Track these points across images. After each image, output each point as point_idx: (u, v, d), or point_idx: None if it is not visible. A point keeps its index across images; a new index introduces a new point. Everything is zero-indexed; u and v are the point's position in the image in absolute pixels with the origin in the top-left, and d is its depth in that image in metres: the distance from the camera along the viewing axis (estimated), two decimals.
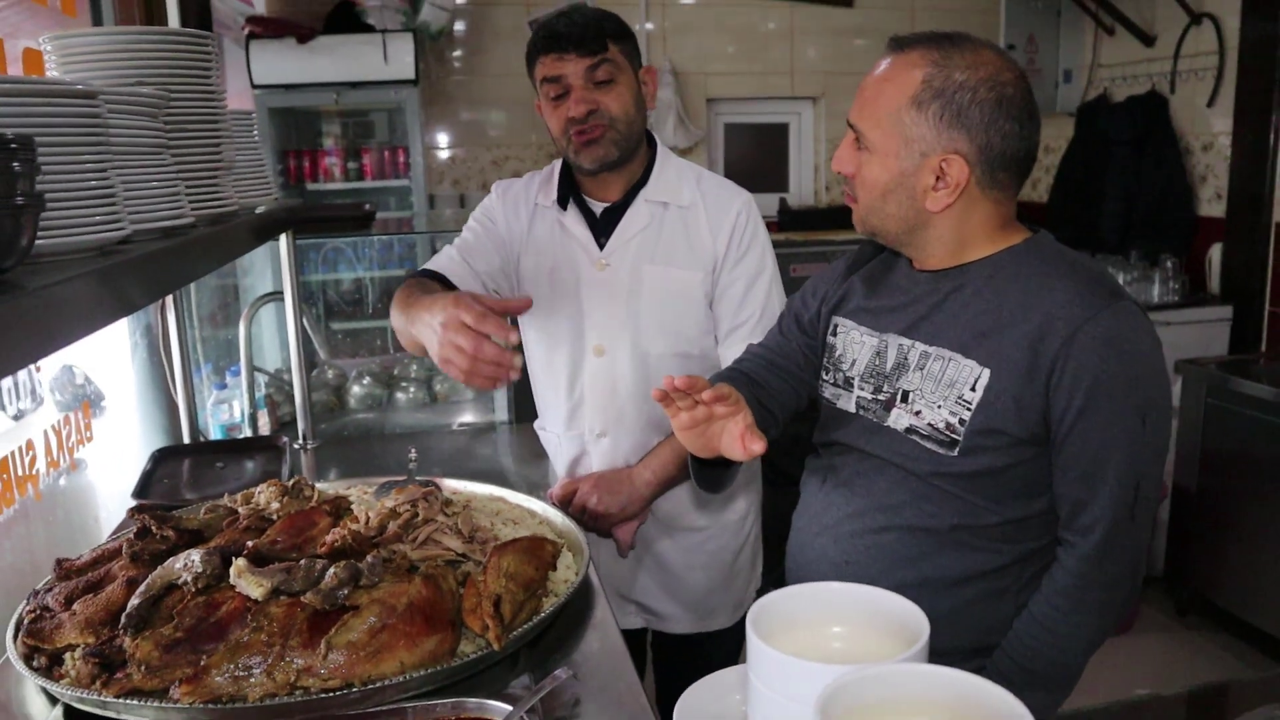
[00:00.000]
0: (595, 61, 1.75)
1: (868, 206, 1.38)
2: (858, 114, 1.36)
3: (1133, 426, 1.27)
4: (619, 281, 1.88)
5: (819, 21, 4.95)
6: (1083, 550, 1.30)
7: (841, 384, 1.50)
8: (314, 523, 1.43)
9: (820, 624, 0.90)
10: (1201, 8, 4.02)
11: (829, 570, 1.45)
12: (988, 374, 1.30)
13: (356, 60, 3.81)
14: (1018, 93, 1.30)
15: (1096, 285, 1.29)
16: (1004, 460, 1.31)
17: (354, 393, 2.90)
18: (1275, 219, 3.77)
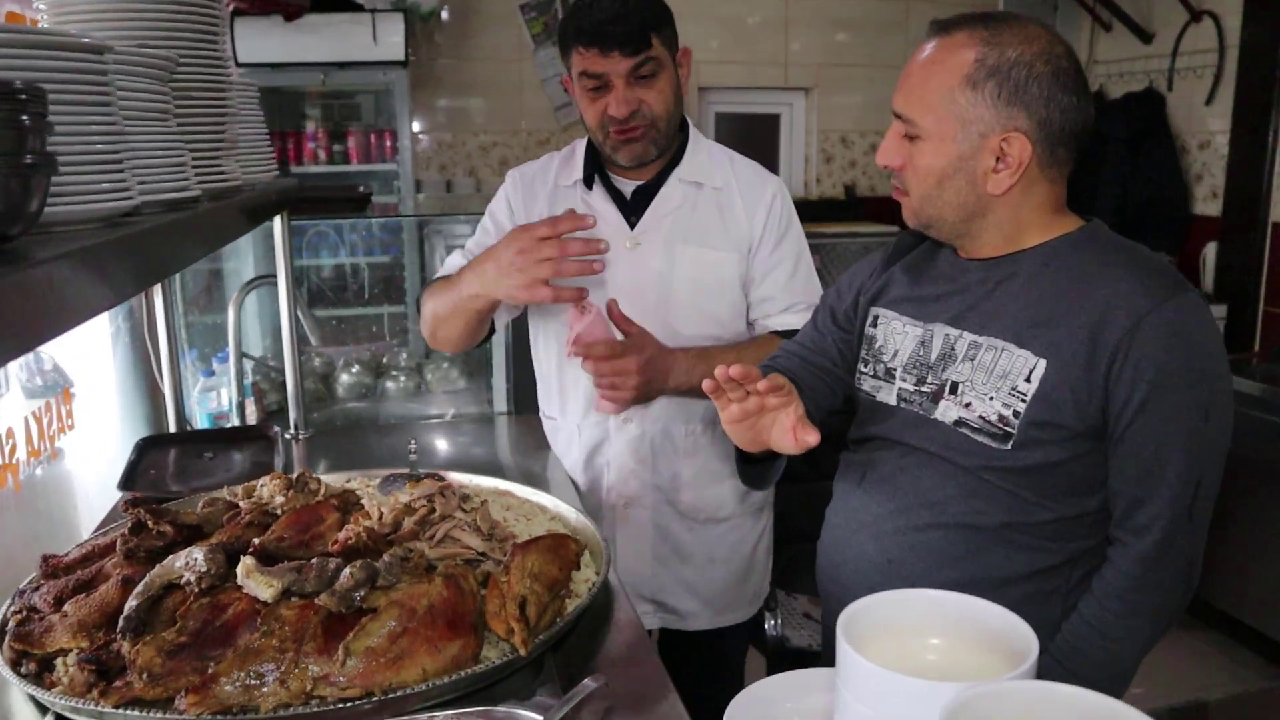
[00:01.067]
0: (639, 60, 1.69)
1: (923, 197, 1.32)
2: (905, 101, 1.30)
3: (1195, 422, 1.22)
4: (651, 262, 1.82)
5: (812, 12, 4.89)
6: (1138, 550, 1.25)
7: (882, 375, 1.44)
8: (321, 518, 1.34)
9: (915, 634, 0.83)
10: (1202, 5, 4.00)
11: (869, 569, 1.40)
12: (1044, 364, 1.25)
13: (344, 40, 3.70)
14: (1071, 65, 1.26)
15: (1160, 275, 1.24)
16: (1059, 455, 1.26)
17: (343, 381, 2.81)
18: (1272, 219, 3.76)
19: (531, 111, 4.66)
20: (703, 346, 1.81)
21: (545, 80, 4.64)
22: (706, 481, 1.91)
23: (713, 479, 1.92)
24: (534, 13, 4.56)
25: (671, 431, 1.89)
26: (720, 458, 1.91)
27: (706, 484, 1.92)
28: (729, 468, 1.91)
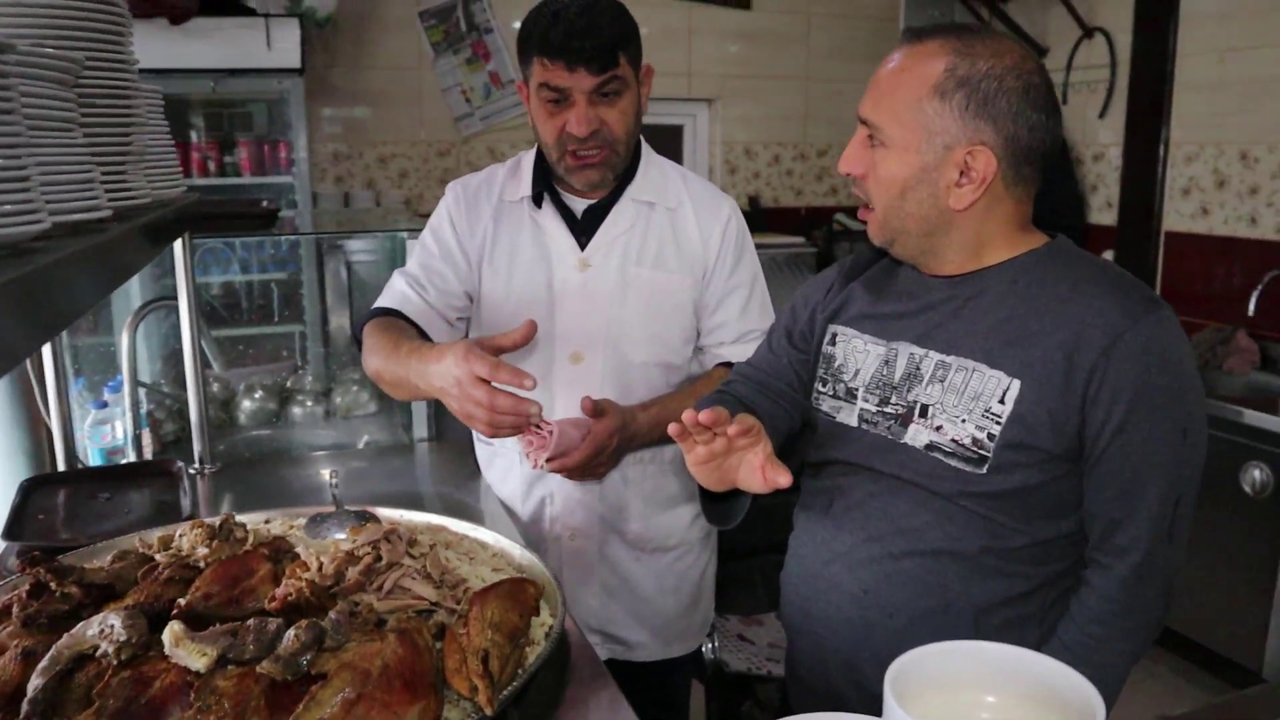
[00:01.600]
0: (605, 79, 1.60)
1: (886, 207, 1.28)
2: (872, 108, 1.27)
3: (1174, 441, 1.20)
4: (602, 284, 1.74)
5: (716, 23, 4.88)
6: (1119, 573, 1.22)
7: (843, 395, 1.39)
8: (252, 570, 1.22)
9: (967, 689, 0.76)
10: (1094, 22, 4.12)
11: (844, 601, 1.34)
12: (1018, 385, 1.21)
13: (236, 45, 3.50)
14: (1043, 82, 1.24)
15: (1134, 292, 1.22)
16: (1036, 478, 1.22)
17: (244, 408, 2.64)
18: (1165, 228, 3.89)
19: (432, 122, 4.51)
20: (657, 399, 1.75)
21: (446, 90, 4.50)
22: (654, 510, 1.84)
23: (660, 507, 1.85)
24: (434, 20, 4.42)
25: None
26: (668, 485, 1.85)
27: (654, 512, 1.85)
28: (677, 495, 1.85)
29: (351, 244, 3.29)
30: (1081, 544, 1.28)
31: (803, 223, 5.10)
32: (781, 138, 5.13)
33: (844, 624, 1.35)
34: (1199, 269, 3.79)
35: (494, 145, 4.62)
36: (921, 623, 1.29)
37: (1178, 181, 3.84)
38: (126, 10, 1.26)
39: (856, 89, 4.65)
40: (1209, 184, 3.72)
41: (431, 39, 4.43)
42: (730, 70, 4.96)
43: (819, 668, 1.41)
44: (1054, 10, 4.29)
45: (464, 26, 4.45)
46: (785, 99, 5.09)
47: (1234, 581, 3.05)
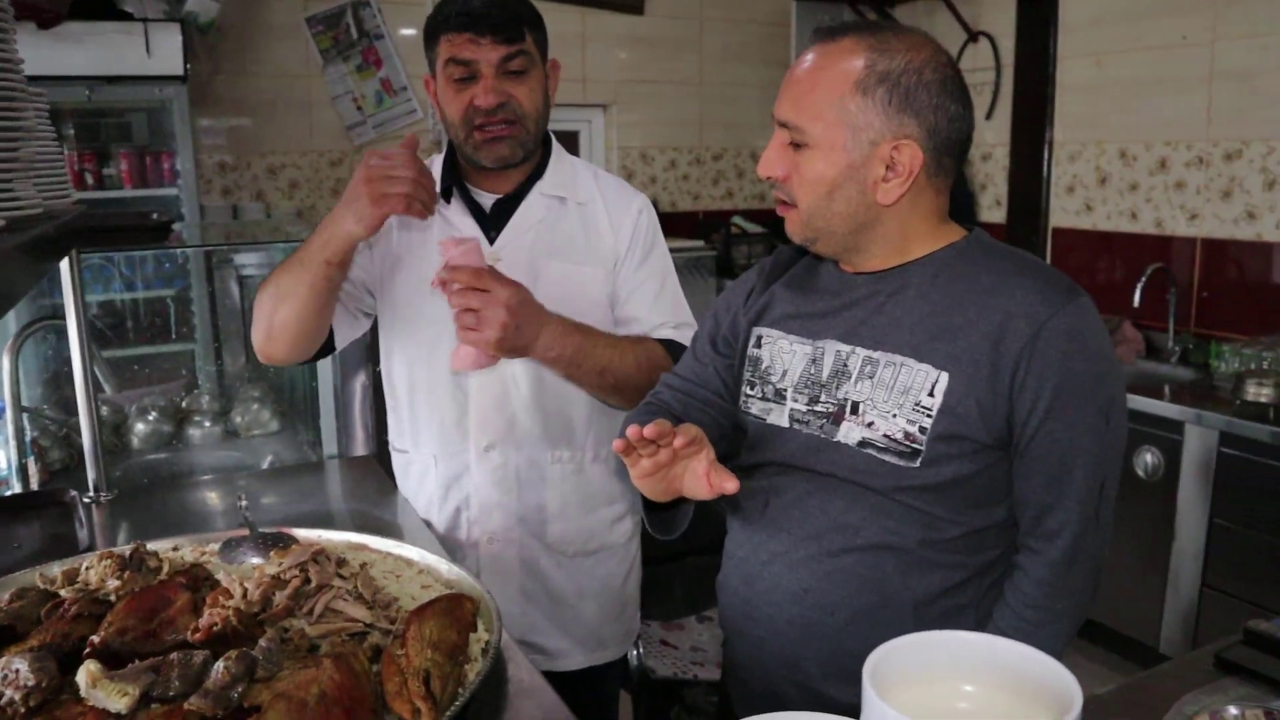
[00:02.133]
0: (512, 51, 1.60)
1: (811, 208, 1.28)
2: (792, 109, 1.26)
3: (1098, 426, 1.23)
4: (514, 277, 1.69)
5: (610, 28, 4.87)
6: (1050, 556, 1.25)
7: (771, 397, 1.38)
8: (169, 601, 1.14)
9: (945, 680, 0.76)
10: (978, 26, 4.26)
11: (785, 601, 1.33)
12: (946, 377, 1.23)
13: (113, 51, 3.33)
14: (956, 74, 1.26)
15: (1054, 281, 1.25)
16: (969, 468, 1.24)
17: (138, 431, 2.53)
18: (1051, 224, 4.04)
19: (323, 130, 4.39)
20: (581, 325, 1.65)
21: (336, 98, 4.38)
22: (575, 512, 1.81)
23: (582, 509, 1.82)
24: (321, 27, 4.30)
25: (537, 459, 1.77)
26: (586, 485, 1.82)
27: (575, 515, 1.81)
28: (597, 496, 1.83)
29: (242, 257, 3.17)
30: (1012, 531, 1.30)
31: (700, 226, 5.13)
32: (677, 142, 5.16)
33: (785, 624, 1.34)
34: (1084, 263, 3.94)
35: None
36: (862, 618, 1.29)
37: (1062, 179, 4.00)
38: (9, 8, 1.18)
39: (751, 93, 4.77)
40: (1091, 181, 3.88)
41: (320, 45, 4.31)
42: (624, 75, 4.97)
43: (759, 669, 1.40)
44: (940, 15, 4.42)
45: (354, 33, 4.34)
46: (680, 104, 5.12)
47: (1130, 561, 3.18)
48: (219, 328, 3.28)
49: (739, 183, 5.32)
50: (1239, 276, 3.44)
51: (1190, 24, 3.46)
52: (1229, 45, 3.36)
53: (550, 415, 1.75)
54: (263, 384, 2.74)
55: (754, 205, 5.31)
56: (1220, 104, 3.42)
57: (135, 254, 3.25)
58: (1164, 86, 3.58)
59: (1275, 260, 3.32)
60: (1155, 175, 3.66)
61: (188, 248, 2.92)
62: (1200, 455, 2.96)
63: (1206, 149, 3.48)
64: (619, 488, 1.85)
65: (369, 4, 4.33)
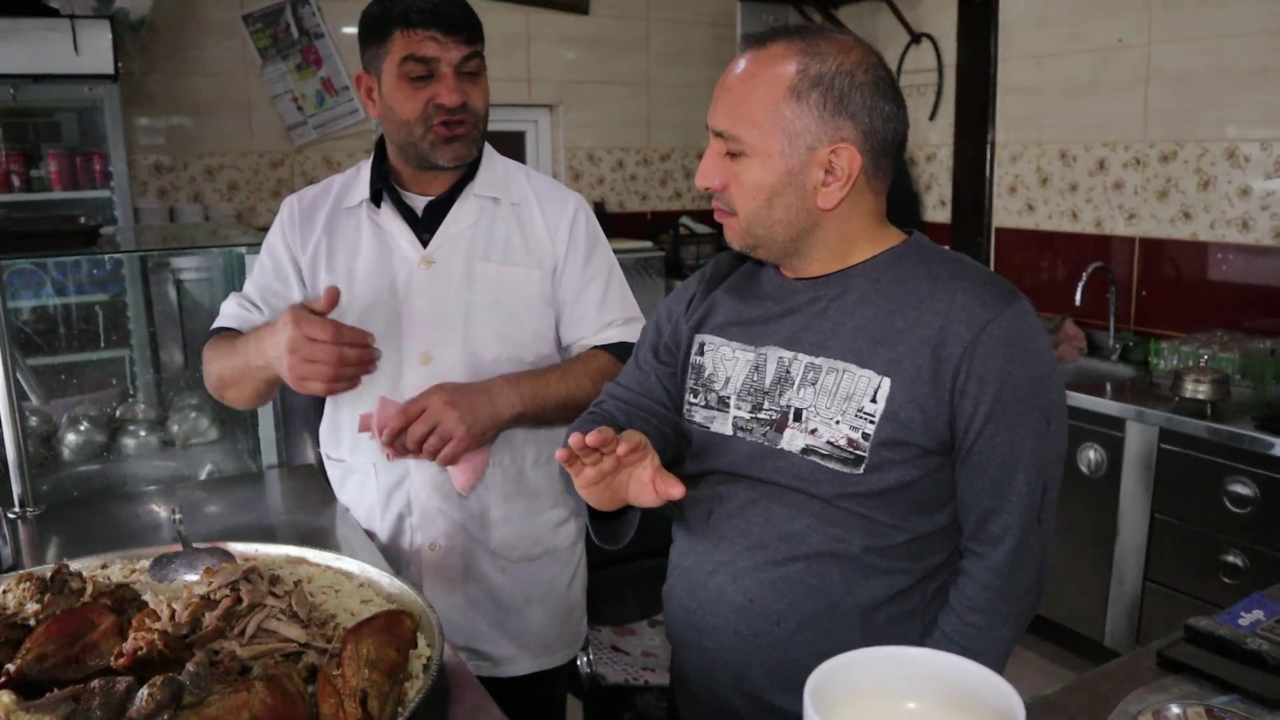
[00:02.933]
0: (471, 52, 1.60)
1: (751, 216, 1.27)
2: (726, 117, 1.25)
3: (1038, 428, 1.23)
4: (448, 281, 1.69)
5: (555, 29, 4.84)
6: (994, 560, 1.25)
7: (715, 405, 1.37)
8: (93, 624, 1.09)
9: (888, 696, 0.74)
10: (920, 27, 4.30)
11: (729, 611, 1.32)
12: (889, 383, 1.22)
13: (39, 49, 3.22)
14: (887, 74, 1.26)
15: (993, 285, 1.25)
16: (912, 474, 1.23)
17: (69, 441, 2.44)
18: (994, 223, 4.09)
19: (262, 131, 4.30)
20: (522, 372, 1.69)
21: (276, 97, 4.30)
22: (518, 517, 1.79)
23: (524, 514, 1.80)
24: (259, 24, 4.21)
25: (479, 463, 1.73)
26: (531, 491, 1.79)
27: (518, 520, 1.79)
28: (540, 500, 1.81)
29: (180, 261, 3.09)
30: (957, 536, 1.30)
31: (649, 227, 5.12)
32: (624, 143, 5.14)
33: (730, 634, 1.32)
34: (1027, 262, 3.99)
35: (330, 154, 4.44)
36: (808, 627, 1.28)
37: (1004, 180, 4.04)
38: None
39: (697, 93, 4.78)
40: (1033, 182, 3.93)
41: (258, 44, 4.23)
42: (570, 75, 4.94)
43: (706, 679, 1.39)
44: (883, 16, 4.45)
45: (294, 31, 4.26)
46: (627, 104, 5.10)
47: (1075, 557, 3.22)
48: (155, 334, 3.19)
49: (687, 183, 5.31)
50: (1176, 275, 3.51)
51: (1127, 27, 3.52)
52: (1164, 48, 3.42)
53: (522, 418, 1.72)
54: (201, 391, 2.66)
55: (702, 206, 5.31)
56: (1156, 106, 3.48)
57: (67, 259, 3.15)
58: (1102, 88, 3.64)
59: (1210, 259, 3.39)
60: (1095, 176, 3.72)
61: (119, 253, 2.83)
62: (1141, 451, 3.01)
63: (1143, 150, 3.54)
64: (561, 493, 1.83)
65: (308, 2, 4.26)
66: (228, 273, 2.69)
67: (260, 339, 1.55)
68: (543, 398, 1.65)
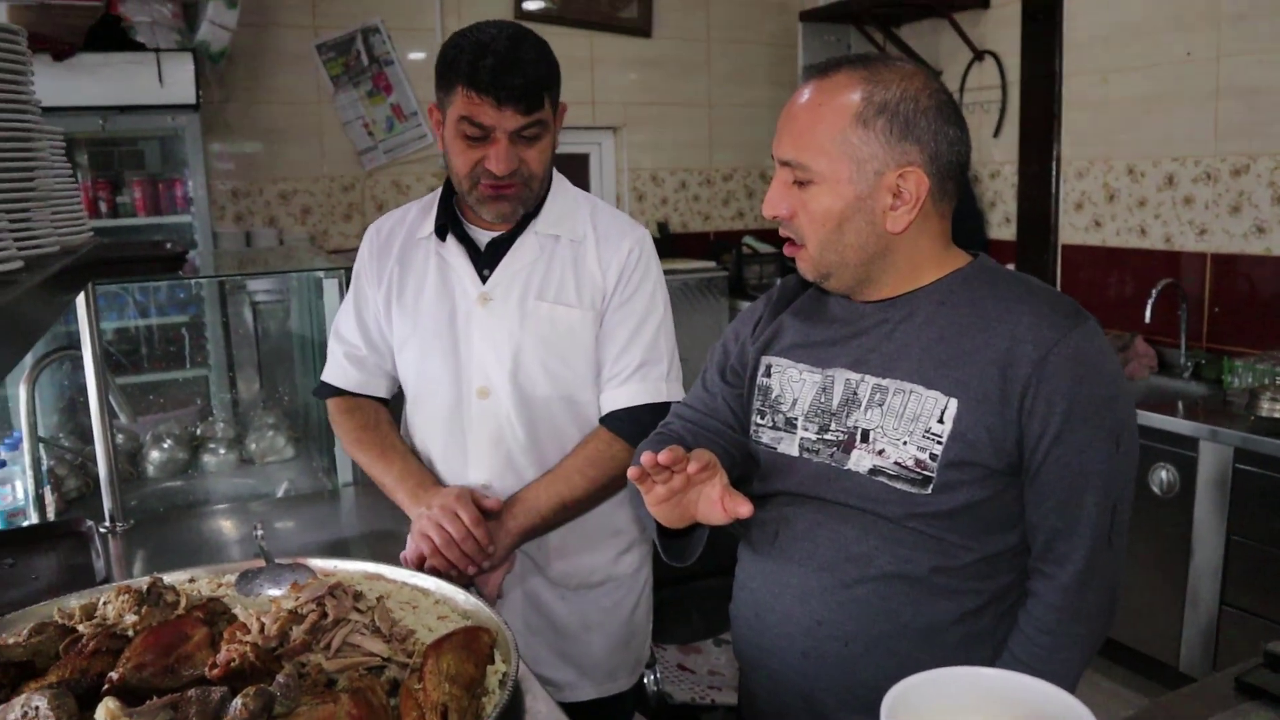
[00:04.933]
0: (530, 120, 1.57)
1: (822, 243, 1.29)
2: (793, 146, 1.28)
3: (1108, 450, 1.23)
4: (503, 318, 1.70)
5: (618, 52, 4.90)
6: (1062, 581, 1.25)
7: (782, 426, 1.38)
8: (186, 636, 1.14)
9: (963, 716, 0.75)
10: (984, 45, 4.27)
11: (797, 633, 1.33)
12: (955, 404, 1.23)
13: (126, 82, 3.37)
14: (949, 99, 1.28)
15: (1059, 305, 1.25)
16: (980, 494, 1.24)
17: (153, 459, 2.53)
18: (1061, 240, 4.04)
19: (334, 156, 4.42)
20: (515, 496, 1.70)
21: (347, 123, 4.42)
22: (576, 547, 1.79)
23: (582, 544, 1.80)
24: (332, 53, 4.34)
25: None
26: (589, 523, 1.79)
27: (576, 550, 1.80)
28: (600, 532, 1.81)
29: (256, 283, 3.19)
30: (1025, 555, 1.30)
31: (712, 247, 5.14)
32: (687, 163, 5.18)
33: (798, 656, 1.33)
34: (1095, 279, 3.94)
35: (399, 178, 4.55)
36: (876, 648, 1.29)
37: (1071, 196, 3.99)
38: (26, 49, 1.20)
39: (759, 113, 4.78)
40: (1100, 198, 3.88)
41: (331, 72, 4.35)
42: (633, 98, 5.00)
43: (774, 700, 1.40)
44: (945, 34, 4.44)
45: (364, 59, 4.37)
46: (689, 125, 5.14)
47: (1148, 579, 3.16)
48: (233, 354, 3.29)
49: (749, 203, 5.33)
50: (1250, 291, 3.43)
51: (1195, 40, 3.46)
52: (1235, 61, 3.36)
53: (546, 452, 1.74)
54: (277, 411, 2.76)
55: (765, 226, 5.33)
56: (1227, 119, 3.41)
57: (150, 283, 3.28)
58: (1170, 103, 3.58)
59: None
60: (1163, 191, 3.66)
61: (202, 278, 2.94)
62: (1215, 472, 2.94)
63: (1214, 164, 3.47)
64: (623, 520, 1.83)
65: (379, 30, 4.37)
66: (302, 295, 2.78)
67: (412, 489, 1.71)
68: (536, 513, 1.67)
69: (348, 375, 1.84)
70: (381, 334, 1.82)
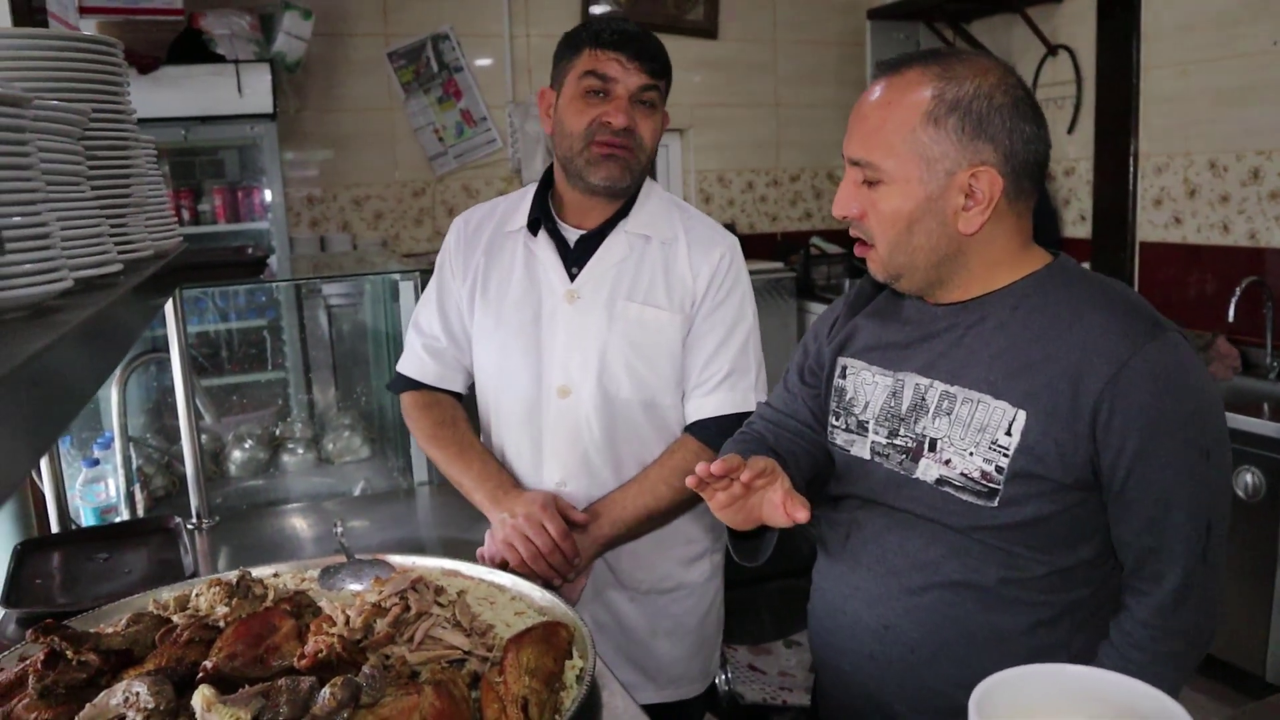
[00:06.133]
0: (651, 83, 1.62)
1: (892, 244, 1.26)
2: (862, 145, 1.24)
3: (1196, 465, 1.17)
4: (589, 317, 1.70)
5: (685, 53, 4.91)
6: (1157, 599, 1.20)
7: (855, 429, 1.38)
8: (275, 627, 1.18)
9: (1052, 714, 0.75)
10: (1057, 39, 4.19)
11: (865, 636, 1.32)
12: (1024, 416, 1.19)
13: (207, 93, 3.48)
14: (1026, 94, 1.23)
15: (1135, 315, 1.19)
16: (1049, 508, 1.20)
17: (235, 458, 2.60)
18: (1139, 238, 3.94)
19: (405, 162, 4.50)
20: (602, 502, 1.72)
21: (418, 129, 4.49)
22: (648, 551, 1.78)
23: (655, 549, 1.79)
24: (403, 61, 4.42)
25: None
26: (663, 529, 1.78)
27: (648, 554, 1.79)
28: (673, 536, 1.81)
29: (330, 287, 3.26)
30: (1103, 567, 1.26)
31: (779, 248, 5.12)
32: (754, 164, 5.17)
33: (866, 659, 1.33)
34: (1174, 277, 3.83)
35: (469, 183, 4.61)
36: (944, 655, 1.27)
37: (1149, 192, 3.90)
38: (124, 62, 1.24)
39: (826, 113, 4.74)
40: (1180, 194, 3.78)
41: (402, 79, 4.43)
42: (700, 99, 5.00)
43: (845, 699, 1.40)
44: (1017, 29, 4.36)
45: (434, 66, 4.44)
46: (756, 126, 5.13)
47: (1233, 586, 3.06)
48: (309, 356, 3.37)
49: (817, 203, 5.30)
50: None
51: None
52: None
53: (622, 454, 1.73)
54: (353, 411, 2.81)
55: (833, 226, 5.29)
56: None
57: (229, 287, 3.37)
58: (1255, 94, 3.47)
59: None
60: (1248, 186, 3.55)
61: (281, 281, 3.01)
62: None
63: None
64: (696, 527, 1.82)
65: (448, 37, 4.44)
66: (376, 298, 2.83)
67: (496, 498, 1.69)
68: (622, 523, 1.68)
69: (425, 368, 1.84)
70: (462, 326, 1.81)
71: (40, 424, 0.64)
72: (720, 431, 1.67)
